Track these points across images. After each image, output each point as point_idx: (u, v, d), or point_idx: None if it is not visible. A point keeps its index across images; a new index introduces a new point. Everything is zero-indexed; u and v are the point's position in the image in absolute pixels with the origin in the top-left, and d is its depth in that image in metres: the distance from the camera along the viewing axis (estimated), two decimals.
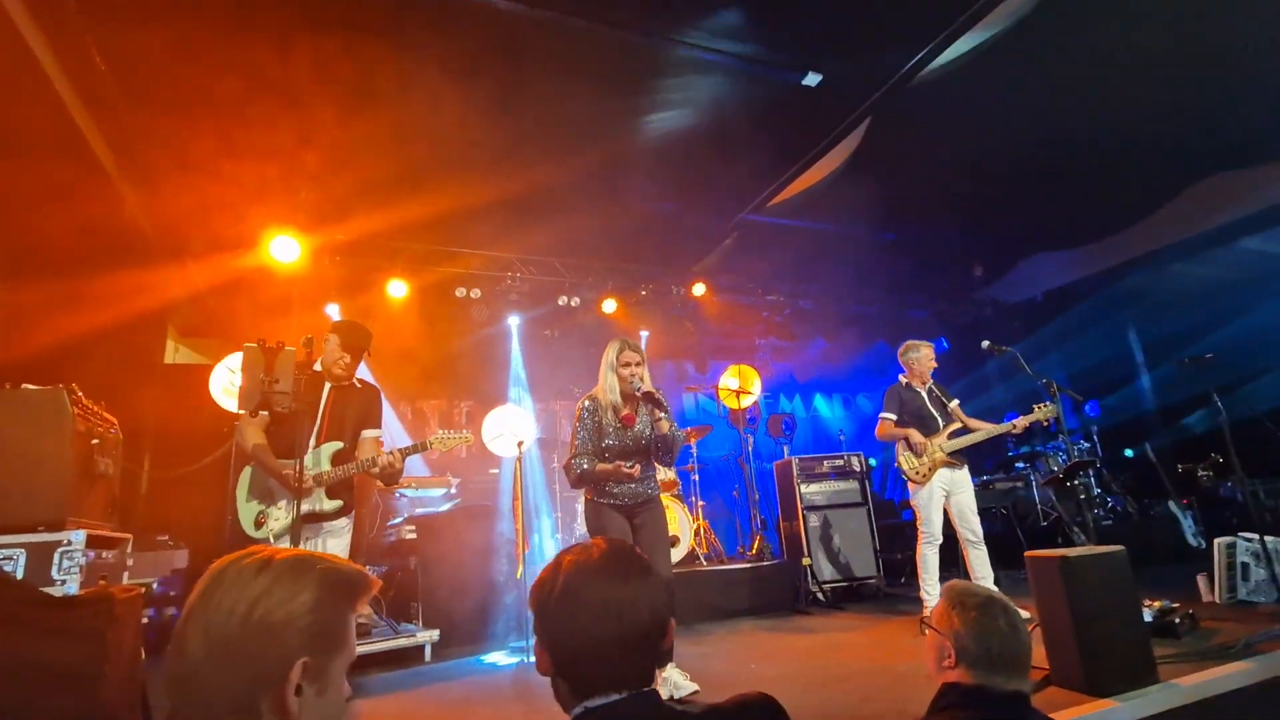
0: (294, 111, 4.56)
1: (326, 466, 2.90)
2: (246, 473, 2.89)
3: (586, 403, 3.25)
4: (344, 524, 3.00)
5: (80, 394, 2.40)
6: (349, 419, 3.04)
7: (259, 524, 2.78)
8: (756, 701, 1.07)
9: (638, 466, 3.12)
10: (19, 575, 2.12)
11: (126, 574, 2.72)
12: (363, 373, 3.32)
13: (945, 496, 4.25)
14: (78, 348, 4.68)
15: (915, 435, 4.33)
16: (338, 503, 2.91)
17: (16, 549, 2.11)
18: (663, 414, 3.11)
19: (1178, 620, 3.31)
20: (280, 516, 2.80)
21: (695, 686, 3.01)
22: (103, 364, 4.94)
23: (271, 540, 2.72)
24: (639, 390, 3.13)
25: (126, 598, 2.33)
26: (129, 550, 2.74)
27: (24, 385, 2.32)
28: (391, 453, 2.97)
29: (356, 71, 4.24)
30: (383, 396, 3.27)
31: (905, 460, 4.36)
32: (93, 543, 2.28)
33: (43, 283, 4.49)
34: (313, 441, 2.91)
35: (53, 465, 2.24)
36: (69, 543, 2.16)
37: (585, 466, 3.10)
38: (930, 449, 4.27)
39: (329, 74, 4.23)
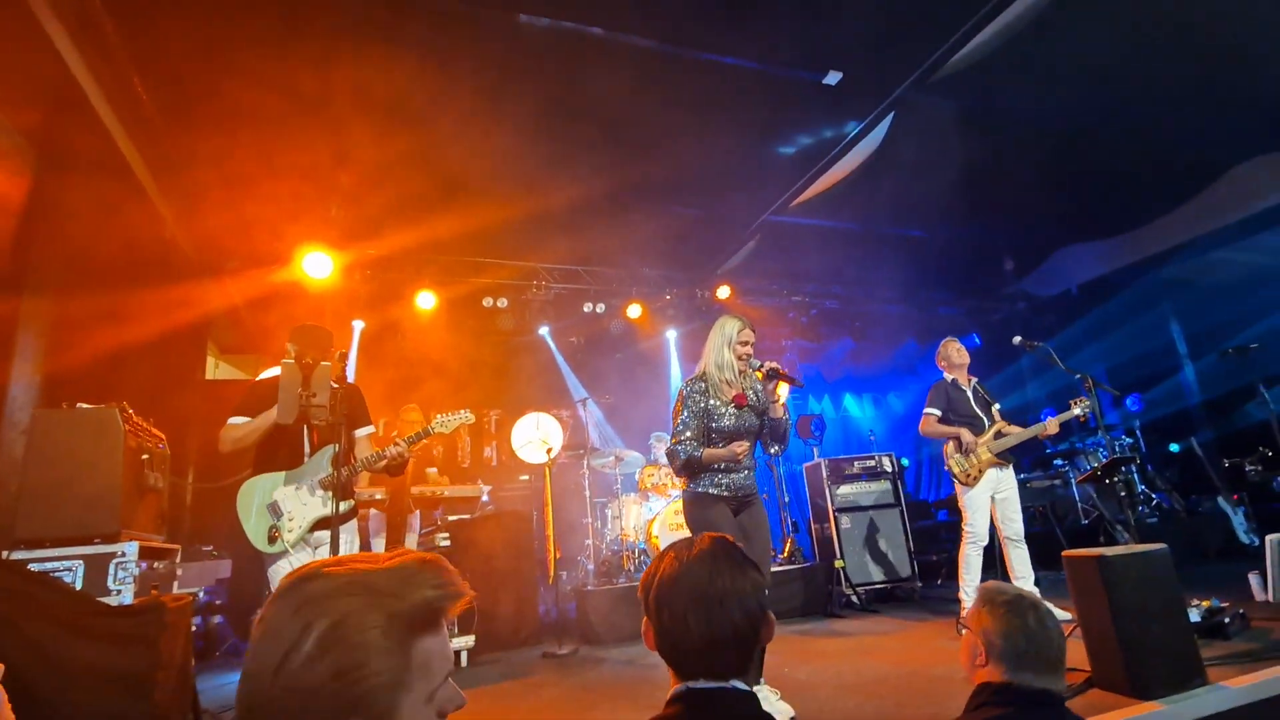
0: (331, 130, 4.71)
1: (328, 470, 2.80)
2: (244, 489, 2.77)
3: (696, 383, 2.99)
4: (354, 524, 2.99)
5: (131, 411, 2.52)
6: (338, 421, 2.95)
7: (272, 538, 2.69)
8: None
9: (747, 445, 2.90)
10: (78, 585, 2.23)
11: (176, 583, 2.83)
12: (365, 380, 3.31)
13: (991, 497, 4.19)
14: (123, 362, 4.87)
15: (966, 435, 4.23)
16: (349, 503, 2.89)
17: (75, 560, 2.23)
18: (779, 396, 2.96)
19: (1227, 620, 3.21)
20: (293, 528, 2.72)
21: (791, 713, 2.67)
22: (147, 379, 5.14)
23: (290, 551, 2.68)
24: (761, 367, 2.95)
25: (177, 606, 2.44)
26: (178, 561, 2.85)
27: (79, 404, 2.44)
28: (397, 443, 2.95)
29: (392, 92, 4.37)
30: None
31: (955, 462, 4.28)
32: (144, 554, 2.39)
33: (89, 297, 4.63)
34: (307, 448, 2.88)
35: (106, 480, 2.35)
36: (123, 554, 2.27)
37: (691, 452, 2.84)
38: (978, 449, 4.20)
39: (366, 94, 4.36)
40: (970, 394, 4.40)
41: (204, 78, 4.29)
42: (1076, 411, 4.19)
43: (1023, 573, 4.10)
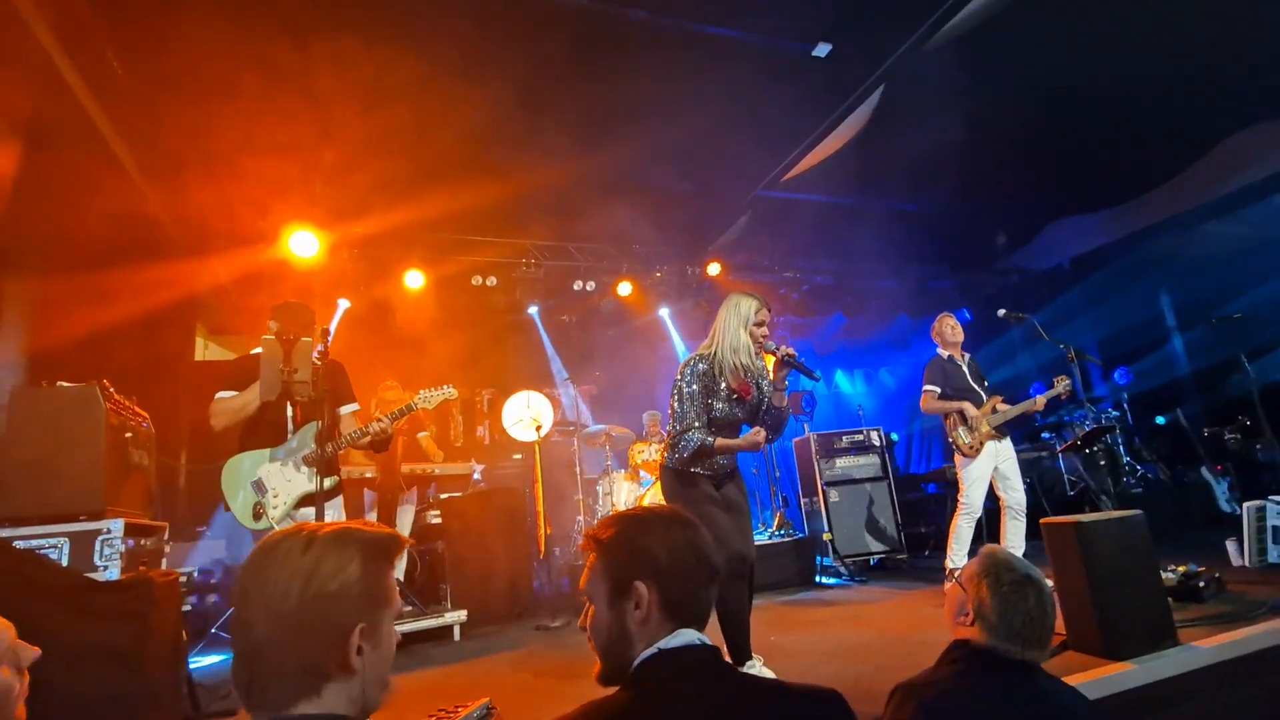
0: (312, 107, 4.62)
1: (312, 447, 2.82)
2: (229, 466, 2.81)
3: (697, 364, 2.72)
4: (339, 501, 3.02)
5: (112, 389, 2.52)
6: (322, 397, 2.94)
7: (258, 515, 2.73)
8: (825, 694, 1.07)
9: (766, 435, 2.72)
10: (64, 562, 2.25)
11: (165, 560, 2.86)
12: (355, 360, 3.31)
13: (994, 469, 4.25)
14: (110, 342, 4.82)
15: (970, 409, 4.28)
16: (333, 479, 2.90)
17: (61, 538, 2.25)
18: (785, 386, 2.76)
19: (1202, 584, 3.27)
20: (279, 504, 2.76)
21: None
22: (134, 359, 5.11)
23: (275, 528, 2.68)
24: (776, 351, 2.72)
25: (165, 582, 2.46)
26: (165, 537, 2.87)
27: (59, 383, 2.44)
28: (380, 419, 2.97)
29: (374, 67, 4.29)
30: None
31: (960, 435, 4.32)
32: (131, 531, 2.41)
33: (72, 276, 4.58)
34: (290, 425, 2.89)
35: (89, 458, 2.36)
36: (108, 531, 2.29)
37: (703, 440, 2.62)
38: (980, 422, 4.24)
39: (346, 70, 4.29)
40: (966, 368, 4.45)
41: (180, 52, 4.20)
42: (1059, 389, 4.33)
43: (1016, 543, 4.16)
